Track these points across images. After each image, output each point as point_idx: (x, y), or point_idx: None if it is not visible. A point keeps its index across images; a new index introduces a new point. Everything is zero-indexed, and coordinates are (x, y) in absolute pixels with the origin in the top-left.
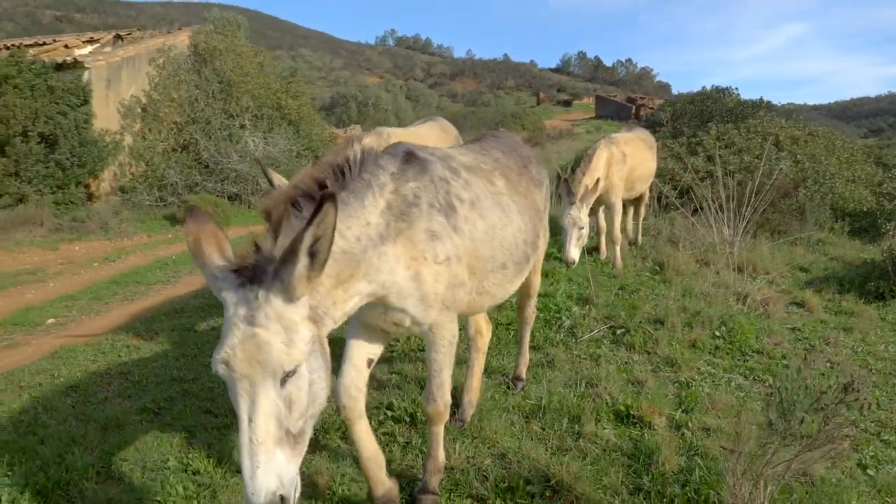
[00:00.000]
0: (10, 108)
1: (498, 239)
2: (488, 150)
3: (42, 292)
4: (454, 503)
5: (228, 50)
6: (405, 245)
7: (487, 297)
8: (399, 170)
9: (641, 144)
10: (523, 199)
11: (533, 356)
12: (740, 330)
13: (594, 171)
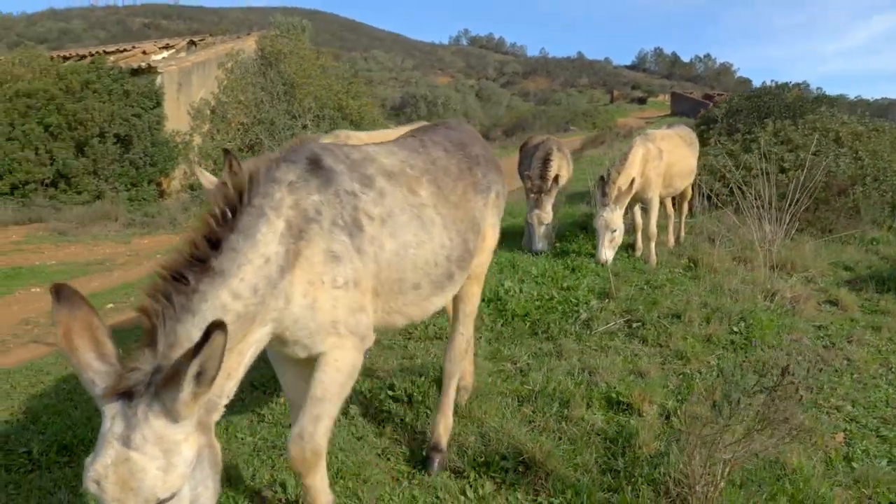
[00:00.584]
0: (89, 111)
1: (410, 259)
2: (427, 148)
3: (107, 281)
4: (437, 477)
5: (292, 53)
6: (303, 268)
7: (399, 316)
8: (300, 179)
9: (679, 141)
10: (454, 211)
11: (544, 346)
12: (759, 326)
13: (629, 170)
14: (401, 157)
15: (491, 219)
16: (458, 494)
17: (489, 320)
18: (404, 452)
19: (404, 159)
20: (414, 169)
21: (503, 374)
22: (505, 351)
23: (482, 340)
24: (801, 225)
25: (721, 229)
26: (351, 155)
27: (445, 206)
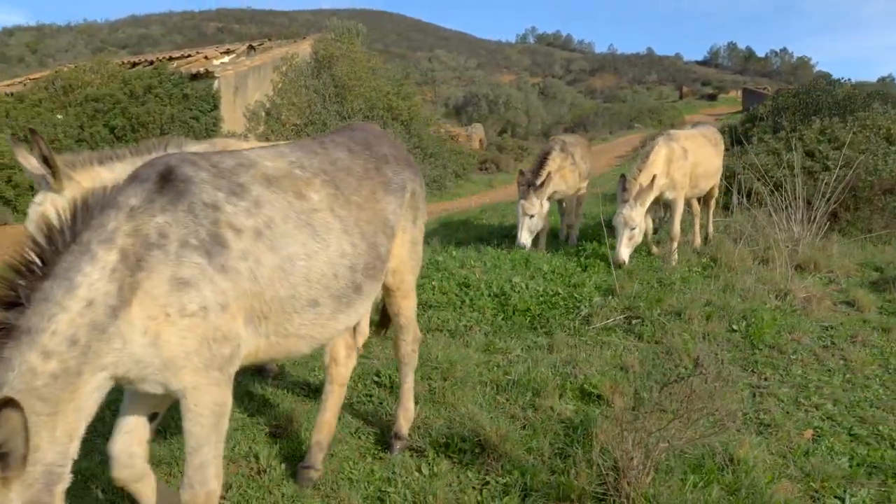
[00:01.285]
0: (151, 113)
1: (300, 273)
2: (328, 149)
3: None
4: (399, 455)
5: (344, 56)
6: (143, 303)
7: (299, 340)
8: (144, 201)
9: (703, 141)
10: (357, 213)
11: (540, 340)
12: (760, 325)
13: (651, 168)
14: (290, 160)
15: (405, 221)
16: (414, 471)
17: (490, 314)
18: (375, 433)
19: (295, 161)
20: (305, 171)
21: (490, 365)
22: (499, 343)
23: (478, 333)
24: (840, 225)
25: (747, 228)
26: (221, 163)
27: (346, 208)
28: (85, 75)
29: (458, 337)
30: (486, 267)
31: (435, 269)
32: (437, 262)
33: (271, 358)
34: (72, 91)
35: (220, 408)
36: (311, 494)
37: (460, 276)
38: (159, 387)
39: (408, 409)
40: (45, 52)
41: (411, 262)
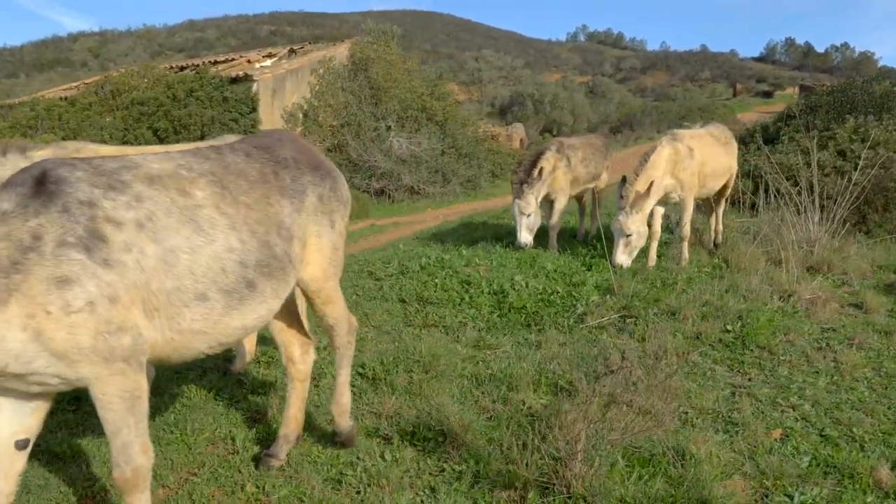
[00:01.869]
0: (192, 116)
1: (184, 265)
2: (223, 154)
3: None
4: (367, 442)
5: (379, 58)
6: (21, 303)
7: (194, 335)
8: (17, 206)
9: (710, 140)
10: (246, 212)
11: (531, 337)
12: (755, 325)
13: (650, 171)
14: (178, 162)
15: (315, 226)
16: (377, 456)
17: (487, 311)
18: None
19: (182, 164)
20: (192, 171)
21: (475, 360)
22: (490, 339)
23: (472, 329)
24: (868, 226)
25: (764, 229)
26: (103, 165)
27: (234, 207)
28: (132, 80)
29: (451, 332)
30: (492, 265)
31: (440, 268)
32: (442, 261)
33: (172, 354)
34: (119, 95)
35: (129, 394)
36: (275, 475)
37: (464, 273)
38: (54, 378)
39: (340, 404)
40: (106, 56)
41: (331, 267)
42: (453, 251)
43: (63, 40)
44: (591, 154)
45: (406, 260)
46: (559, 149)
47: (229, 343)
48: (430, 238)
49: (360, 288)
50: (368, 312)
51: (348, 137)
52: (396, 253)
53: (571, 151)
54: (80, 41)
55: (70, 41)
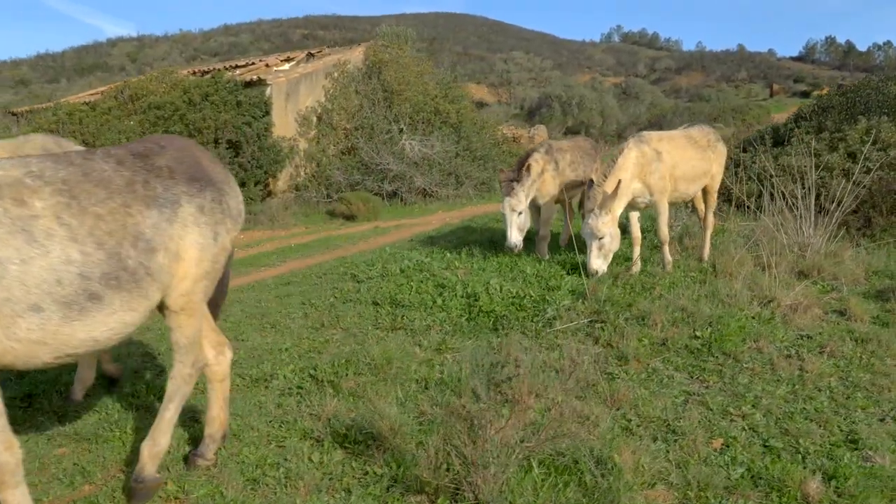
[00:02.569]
0: (206, 119)
1: (14, 276)
2: (89, 160)
3: None
4: (299, 443)
5: (392, 61)
6: None
7: (35, 345)
8: None
9: (685, 142)
10: (94, 222)
11: (495, 341)
12: (725, 331)
13: (617, 173)
14: (28, 170)
15: (193, 238)
16: (305, 458)
17: (456, 315)
18: (288, 422)
19: (33, 171)
20: (38, 180)
21: (431, 364)
22: (452, 343)
23: (437, 332)
24: (873, 230)
25: (757, 232)
26: None
27: (79, 218)
28: (150, 84)
29: (416, 335)
30: (472, 268)
31: (418, 271)
32: (422, 264)
33: (16, 361)
34: (137, 99)
35: None
36: (198, 475)
37: (441, 277)
38: None
39: (155, 446)
40: (143, 61)
41: (206, 281)
42: (437, 254)
43: (102, 45)
44: (580, 157)
45: (389, 263)
46: (548, 151)
47: (80, 353)
48: (425, 241)
49: (338, 290)
50: (340, 315)
51: (361, 140)
52: (381, 256)
53: (560, 154)
54: (119, 46)
55: (109, 46)
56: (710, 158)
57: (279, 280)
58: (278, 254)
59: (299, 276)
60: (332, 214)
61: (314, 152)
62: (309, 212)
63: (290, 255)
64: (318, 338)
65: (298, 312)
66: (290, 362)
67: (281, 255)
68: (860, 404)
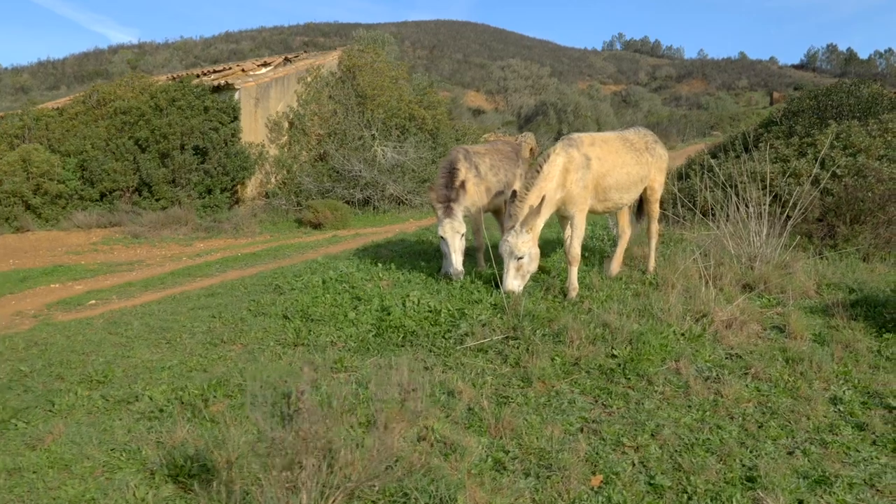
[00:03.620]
0: (172, 125)
1: None
2: None
3: (114, 280)
4: (132, 476)
5: (367, 66)
6: None
7: None
8: None
9: (619, 146)
10: None
11: (398, 359)
12: (645, 350)
13: (542, 184)
14: None
15: None
16: (130, 493)
17: (365, 330)
18: (131, 450)
19: None
20: None
21: (317, 385)
22: (350, 361)
23: (337, 349)
24: (836, 240)
25: (707, 242)
26: None
27: None
28: (119, 89)
29: (316, 352)
30: (398, 280)
31: (339, 282)
32: (344, 276)
33: None
34: (105, 104)
35: None
36: None
37: (361, 289)
38: None
39: None
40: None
41: None
42: (365, 265)
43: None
44: (500, 161)
45: (315, 274)
46: (466, 157)
47: None
48: (367, 250)
49: (255, 303)
50: (245, 329)
51: (332, 146)
52: (311, 266)
53: (479, 159)
54: (120, 53)
55: (110, 53)
56: (647, 163)
57: (205, 291)
58: (222, 264)
59: (227, 288)
60: (301, 223)
61: (285, 159)
62: (277, 220)
63: (234, 265)
64: (211, 355)
65: (203, 327)
66: (165, 382)
67: (224, 266)
68: (772, 434)
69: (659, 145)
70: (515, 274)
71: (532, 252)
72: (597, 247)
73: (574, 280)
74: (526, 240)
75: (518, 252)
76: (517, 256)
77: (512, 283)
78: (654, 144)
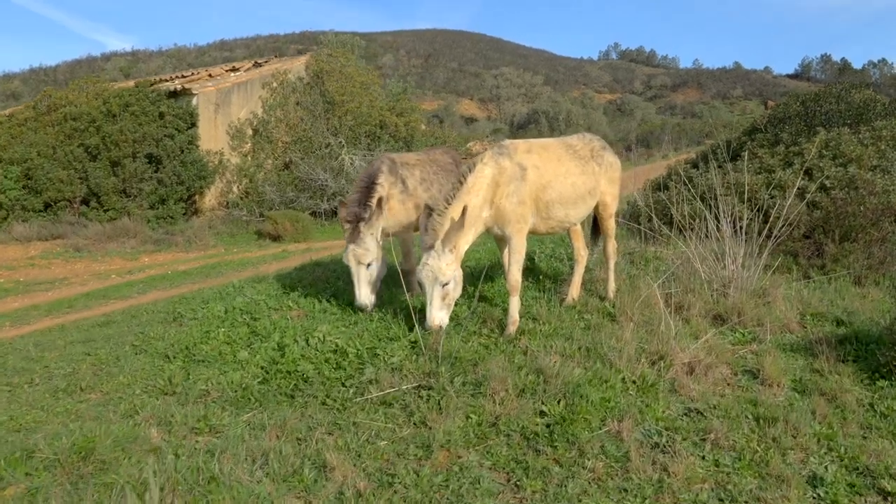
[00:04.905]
0: (124, 132)
1: None
2: None
3: (23, 301)
4: None
5: (336, 71)
6: None
7: None
8: None
9: (562, 153)
10: None
11: (278, 416)
12: (581, 406)
13: (465, 197)
14: None
15: None
16: None
17: (251, 375)
18: None
19: None
20: None
21: (159, 453)
22: (217, 419)
23: (207, 402)
24: (824, 260)
25: (676, 264)
26: None
27: None
28: (71, 94)
29: (185, 405)
30: (312, 310)
31: (242, 313)
32: (250, 304)
33: None
34: (55, 110)
35: None
36: None
37: (264, 322)
38: None
39: None
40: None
41: None
42: (282, 291)
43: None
44: (434, 174)
45: (224, 300)
46: (391, 168)
47: None
48: (306, 271)
49: (143, 336)
50: (114, 372)
51: (297, 155)
52: (222, 291)
53: (407, 171)
54: (113, 60)
55: (103, 61)
56: (594, 173)
57: (102, 319)
58: (147, 283)
59: (128, 315)
60: (261, 235)
61: (247, 167)
62: (236, 231)
63: (160, 284)
64: (56, 407)
65: (67, 368)
66: None
67: (148, 285)
68: None
69: (608, 152)
70: (441, 304)
71: (458, 275)
72: (553, 268)
73: (514, 312)
74: (450, 261)
75: (443, 277)
76: (441, 282)
77: (438, 314)
78: (601, 151)
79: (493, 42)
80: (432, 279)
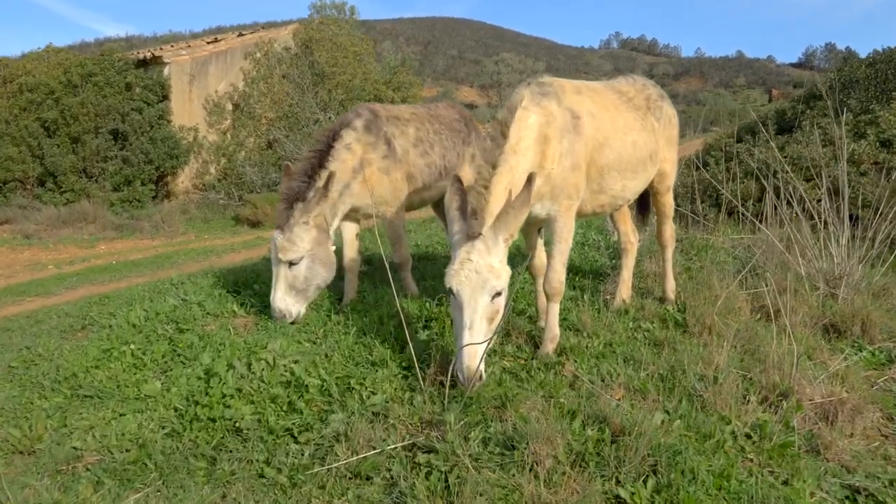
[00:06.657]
0: (85, 105)
1: None
2: None
3: None
4: None
5: (326, 40)
6: None
7: None
8: None
9: (615, 99)
10: None
11: (192, 496)
12: (682, 488)
13: (513, 158)
14: None
15: None
16: None
17: (157, 421)
18: None
19: None
20: None
21: None
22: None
23: (80, 467)
24: None
25: (757, 254)
26: None
27: None
28: (28, 64)
29: (40, 477)
30: (265, 318)
31: (167, 321)
32: (181, 309)
33: None
34: (10, 81)
35: None
36: None
37: (193, 335)
38: None
39: None
40: None
41: None
42: (229, 289)
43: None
44: (437, 133)
45: (154, 302)
46: (368, 125)
47: None
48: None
49: (27, 353)
50: None
51: (282, 132)
52: (155, 288)
53: (396, 128)
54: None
55: (96, 46)
56: (654, 130)
57: None
58: (81, 276)
59: (33, 320)
60: (239, 220)
61: (226, 146)
62: (212, 216)
63: (96, 278)
64: None
65: None
66: None
67: (82, 279)
68: None
69: (666, 102)
70: (487, 330)
71: (506, 275)
72: (588, 259)
73: (554, 324)
74: (503, 259)
75: (498, 283)
76: (495, 291)
77: (481, 354)
78: (659, 101)
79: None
80: (480, 287)
